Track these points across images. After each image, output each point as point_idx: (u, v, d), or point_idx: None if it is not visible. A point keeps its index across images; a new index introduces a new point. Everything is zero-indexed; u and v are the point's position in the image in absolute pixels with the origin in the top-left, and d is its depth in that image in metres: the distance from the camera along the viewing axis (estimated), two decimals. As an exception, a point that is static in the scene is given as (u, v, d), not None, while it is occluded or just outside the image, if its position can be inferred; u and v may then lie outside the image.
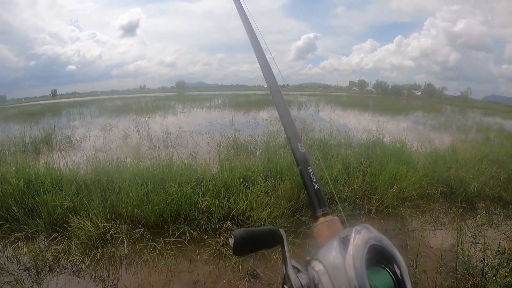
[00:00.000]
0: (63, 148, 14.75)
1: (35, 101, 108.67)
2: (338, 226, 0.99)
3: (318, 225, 1.00)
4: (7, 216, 6.63)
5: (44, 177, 7.71)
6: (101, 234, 5.98)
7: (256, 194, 6.89)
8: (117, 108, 38.99)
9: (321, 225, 1.00)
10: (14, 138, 14.92)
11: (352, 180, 7.99)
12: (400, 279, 0.82)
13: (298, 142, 1.17)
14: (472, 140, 15.99)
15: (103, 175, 7.74)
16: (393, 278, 0.82)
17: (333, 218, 1.01)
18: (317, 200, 1.05)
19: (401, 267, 0.81)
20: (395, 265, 0.82)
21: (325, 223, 0.99)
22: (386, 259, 0.83)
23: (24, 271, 5.34)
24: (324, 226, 0.99)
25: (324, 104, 43.36)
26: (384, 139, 12.65)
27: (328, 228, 0.98)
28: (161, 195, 6.64)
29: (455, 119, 30.35)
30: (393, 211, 7.38)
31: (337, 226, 0.99)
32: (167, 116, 27.85)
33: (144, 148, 14.06)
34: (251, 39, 1.71)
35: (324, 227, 0.99)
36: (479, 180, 8.25)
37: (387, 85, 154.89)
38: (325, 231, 0.97)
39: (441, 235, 6.45)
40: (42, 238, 6.39)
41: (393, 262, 0.82)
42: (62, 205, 6.58)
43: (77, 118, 29.63)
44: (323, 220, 1.00)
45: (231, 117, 22.15)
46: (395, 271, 0.82)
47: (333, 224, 0.99)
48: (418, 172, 8.48)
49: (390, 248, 0.82)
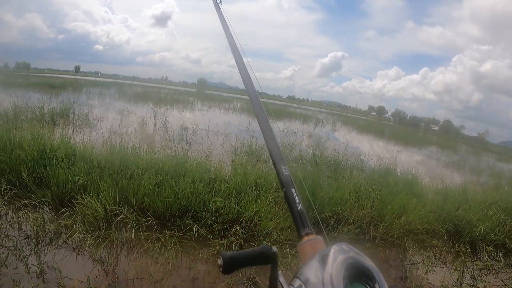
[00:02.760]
0: (79, 124, 14.84)
1: (58, 74, 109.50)
2: (321, 245, 1.03)
3: (302, 244, 1.05)
4: (16, 182, 6.69)
5: (58, 149, 7.76)
6: (108, 216, 6.00)
7: (266, 202, 6.89)
8: (137, 94, 39.18)
9: (304, 244, 1.04)
10: (33, 106, 15.04)
11: (362, 205, 7.95)
12: None
13: (283, 165, 1.27)
14: (483, 183, 15.93)
15: (117, 159, 7.76)
16: None
17: (316, 238, 1.05)
18: (300, 221, 1.11)
19: (380, 283, 0.83)
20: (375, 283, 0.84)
21: (308, 242, 1.03)
22: (366, 276, 0.85)
23: (24, 238, 5.36)
24: (307, 245, 1.03)
25: (341, 124, 43.43)
26: (396, 169, 12.64)
27: (311, 247, 1.02)
28: (173, 188, 6.63)
29: (469, 159, 30.24)
30: (397, 242, 7.34)
31: (320, 245, 1.03)
32: (185, 111, 27.95)
33: (159, 139, 14.11)
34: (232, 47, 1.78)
35: (307, 246, 1.03)
36: (485, 225, 8.19)
37: (405, 115, 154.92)
38: (308, 250, 1.01)
39: (440, 272, 6.43)
40: (47, 209, 6.41)
41: (373, 280, 0.84)
42: (74, 181, 6.61)
43: (96, 97, 29.88)
44: (307, 239, 1.04)
45: (248, 122, 22.18)
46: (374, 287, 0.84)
47: (316, 243, 1.03)
48: (427, 207, 8.44)
49: (368, 265, 0.85)
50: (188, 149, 9.91)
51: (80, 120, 15.63)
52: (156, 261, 5.34)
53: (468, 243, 7.32)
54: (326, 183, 8.86)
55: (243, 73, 1.68)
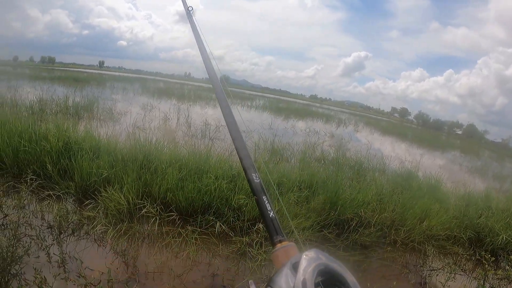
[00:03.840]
0: (103, 118, 14.99)
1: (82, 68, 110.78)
2: (294, 251, 1.02)
3: (275, 251, 1.03)
4: (41, 173, 6.76)
5: (83, 142, 7.86)
6: (130, 210, 6.05)
7: (288, 202, 6.89)
8: (160, 90, 39.49)
9: (277, 251, 1.02)
10: (58, 100, 15.23)
11: (383, 208, 7.90)
12: None
13: (253, 173, 1.24)
14: (506, 190, 15.71)
15: (141, 153, 7.82)
16: None
17: (289, 244, 1.04)
18: (273, 228, 1.10)
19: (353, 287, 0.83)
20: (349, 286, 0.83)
21: (282, 249, 1.02)
22: (338, 281, 0.84)
23: (47, 228, 5.45)
24: (281, 252, 1.01)
25: (364, 125, 43.20)
26: (419, 173, 12.54)
27: (284, 254, 1.00)
28: (196, 184, 6.65)
29: (492, 165, 29.87)
30: (418, 247, 7.28)
31: (293, 251, 1.01)
32: (207, 107, 28.02)
33: (182, 134, 14.18)
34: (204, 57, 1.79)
35: (281, 253, 1.01)
36: (508, 233, 8.08)
37: (428, 118, 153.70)
38: (281, 257, 0.99)
39: (460, 280, 6.37)
40: (70, 201, 6.52)
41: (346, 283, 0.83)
42: (98, 173, 6.69)
43: (120, 92, 30.17)
44: (280, 247, 1.03)
45: (270, 121, 22.18)
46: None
47: (289, 250, 1.02)
48: (449, 213, 8.33)
49: (340, 271, 0.84)
50: (211, 146, 9.94)
51: (104, 114, 15.81)
52: (177, 256, 5.37)
53: (489, 251, 7.24)
54: (348, 185, 8.81)
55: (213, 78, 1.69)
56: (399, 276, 6.26)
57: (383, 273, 6.28)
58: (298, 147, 12.88)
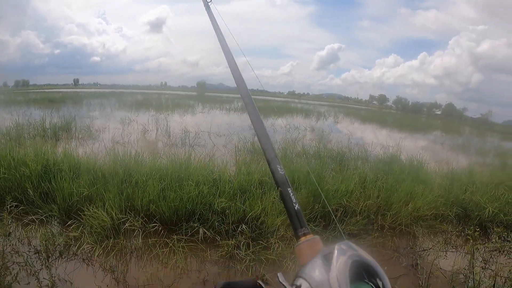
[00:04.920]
0: (81, 137, 14.91)
1: (57, 88, 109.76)
2: (319, 244, 1.02)
3: (300, 244, 1.03)
4: (23, 198, 6.71)
5: (62, 163, 7.79)
6: (115, 225, 6.01)
7: (271, 200, 6.89)
8: (137, 102, 39.22)
9: (302, 244, 1.02)
10: (35, 123, 15.11)
11: (368, 195, 7.93)
12: None
13: (278, 164, 1.23)
14: (489, 164, 15.88)
15: (121, 167, 7.79)
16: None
17: (314, 237, 1.04)
18: (297, 221, 1.09)
19: (384, 281, 0.84)
20: (378, 279, 0.84)
21: (306, 242, 1.02)
22: (369, 274, 0.85)
23: (34, 253, 5.39)
24: (305, 245, 1.02)
25: (343, 116, 43.31)
26: (401, 156, 12.61)
27: (309, 247, 1.00)
28: (177, 193, 6.66)
29: (473, 141, 30.17)
30: (406, 229, 7.32)
31: (318, 245, 1.02)
32: (186, 115, 27.97)
33: (162, 145, 14.14)
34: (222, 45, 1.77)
35: (306, 246, 1.01)
36: (494, 206, 8.14)
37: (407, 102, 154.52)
38: (307, 250, 1.00)
39: (452, 257, 6.41)
40: (55, 223, 6.47)
41: (376, 276, 0.84)
42: (79, 193, 6.64)
43: (97, 108, 29.96)
44: (304, 240, 1.03)
45: (249, 121, 22.15)
46: (378, 285, 0.84)
47: (314, 243, 1.02)
48: (434, 192, 8.41)
49: (372, 263, 0.85)
50: (191, 153, 9.92)
51: (82, 132, 15.68)
52: (165, 266, 5.37)
53: (477, 225, 7.30)
54: (331, 176, 8.83)
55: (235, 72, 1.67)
56: (390, 261, 6.29)
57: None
58: (279, 145, 12.87)
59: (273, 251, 5.79)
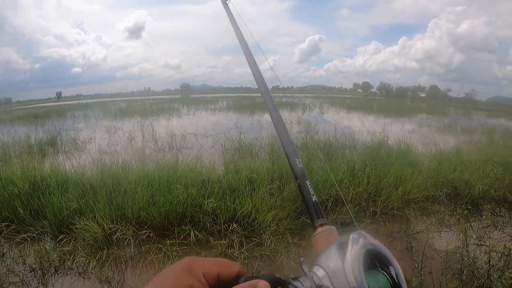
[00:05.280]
0: (68, 150, 14.82)
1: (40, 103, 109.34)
2: (335, 235, 0.99)
3: (316, 234, 1.00)
4: (13, 217, 6.67)
5: (50, 179, 7.74)
6: (107, 236, 5.99)
7: (261, 196, 6.88)
8: (122, 110, 39.13)
9: (318, 234, 1.00)
10: (20, 140, 14.98)
11: (357, 182, 7.98)
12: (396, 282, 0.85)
13: (296, 158, 1.22)
14: (476, 142, 15.99)
15: (109, 177, 7.77)
16: (389, 280, 0.87)
17: (330, 228, 1.01)
18: (315, 212, 1.07)
19: (397, 270, 0.83)
20: (391, 268, 0.84)
21: (323, 233, 0.99)
22: (382, 263, 0.84)
23: (30, 272, 5.37)
24: (322, 235, 0.98)
25: (329, 106, 43.45)
26: (388, 141, 12.64)
27: (325, 237, 0.98)
28: (167, 197, 6.66)
29: (459, 120, 30.35)
30: (398, 213, 7.37)
31: (334, 235, 0.99)
32: (171, 118, 27.92)
33: (149, 151, 14.10)
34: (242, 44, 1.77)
35: (322, 237, 0.98)
36: (484, 182, 8.22)
37: (391, 87, 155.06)
38: (323, 240, 0.97)
39: (446, 237, 6.46)
40: (48, 239, 6.43)
41: (389, 265, 0.84)
42: (68, 206, 6.60)
43: (82, 120, 29.74)
44: (321, 230, 1.00)
45: (235, 120, 22.18)
46: (390, 273, 0.84)
47: (330, 233, 0.99)
48: (423, 174, 8.47)
49: (385, 252, 0.84)
50: (179, 156, 9.90)
51: (68, 145, 15.58)
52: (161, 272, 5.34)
53: (469, 203, 7.34)
54: (320, 167, 8.83)
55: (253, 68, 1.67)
56: (384, 245, 6.29)
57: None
58: (266, 141, 12.86)
59: (267, 247, 5.81)
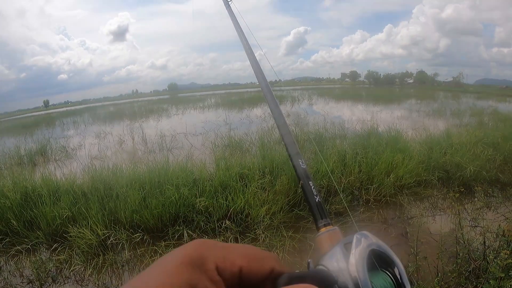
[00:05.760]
0: (58, 158, 14.71)
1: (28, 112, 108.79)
2: (338, 235, 1.03)
3: (320, 235, 1.04)
4: (7, 230, 6.63)
5: (41, 189, 7.69)
6: (102, 242, 5.99)
7: (253, 191, 6.89)
8: (110, 114, 39.03)
9: (322, 235, 1.03)
10: (9, 152, 14.90)
11: (349, 171, 8.00)
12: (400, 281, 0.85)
13: (299, 159, 1.25)
14: (466, 124, 16.02)
15: (100, 183, 7.74)
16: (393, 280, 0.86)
17: (334, 228, 1.04)
18: (318, 212, 1.11)
19: (400, 269, 0.84)
20: (394, 267, 0.84)
21: (327, 233, 1.03)
22: (385, 263, 0.85)
23: (28, 284, 5.35)
24: (326, 235, 1.02)
25: (317, 97, 43.47)
26: (378, 129, 12.68)
27: (329, 238, 1.02)
28: (159, 199, 6.66)
29: (448, 104, 30.44)
30: (391, 200, 7.41)
31: (338, 235, 1.03)
32: (160, 119, 27.84)
33: (139, 153, 14.03)
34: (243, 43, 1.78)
35: (326, 237, 1.02)
36: (475, 164, 8.27)
37: (379, 75, 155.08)
38: (327, 240, 1.01)
39: (440, 221, 6.47)
40: (43, 249, 6.40)
41: (392, 265, 0.84)
42: (61, 215, 6.57)
43: (71, 127, 29.58)
44: (325, 230, 1.04)
45: (225, 116, 22.16)
46: (394, 273, 0.85)
47: (334, 233, 1.03)
48: (414, 160, 8.49)
49: (388, 252, 0.84)
50: (169, 157, 9.88)
51: (59, 153, 15.48)
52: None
53: (461, 186, 7.35)
54: (311, 159, 8.84)
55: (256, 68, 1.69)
56: (379, 233, 6.34)
57: (362, 234, 6.34)
58: (256, 135, 12.86)
59: (262, 242, 5.82)
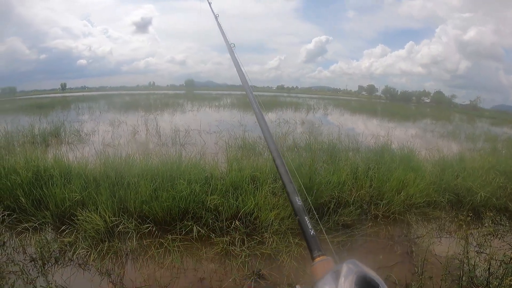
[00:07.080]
0: (71, 141, 14.76)
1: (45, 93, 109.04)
2: (330, 264, 1.19)
3: (314, 264, 1.21)
4: (15, 206, 6.67)
5: (53, 169, 7.73)
6: (109, 228, 6.02)
7: (264, 195, 6.89)
8: (126, 104, 39.06)
9: (316, 264, 1.21)
10: (23, 130, 14.95)
11: (360, 185, 7.99)
12: None
13: (296, 196, 1.49)
14: (480, 149, 15.92)
15: (112, 170, 7.75)
16: None
17: (327, 258, 1.22)
18: (313, 245, 1.28)
19: None
20: None
21: (320, 263, 1.20)
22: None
23: (30, 261, 5.37)
24: (319, 265, 1.20)
25: (333, 108, 43.30)
26: (392, 145, 12.64)
27: (322, 267, 1.18)
28: (170, 192, 6.67)
29: (463, 127, 30.21)
30: (399, 218, 7.38)
31: (330, 264, 1.19)
32: (175, 114, 27.85)
33: (152, 145, 14.07)
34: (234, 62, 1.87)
35: (319, 266, 1.19)
36: (486, 190, 8.22)
37: (396, 91, 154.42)
38: (320, 269, 1.17)
39: (446, 243, 6.44)
40: (49, 230, 6.43)
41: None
42: (71, 198, 6.61)
43: (86, 112, 29.65)
44: (319, 260, 1.22)
45: (239, 117, 22.18)
46: None
47: (327, 263, 1.20)
48: (426, 180, 8.45)
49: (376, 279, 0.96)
50: (182, 151, 9.91)
51: (72, 137, 15.53)
52: (161, 266, 5.38)
53: (470, 210, 7.36)
54: (323, 168, 8.85)
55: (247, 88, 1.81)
56: (385, 249, 6.34)
57: (368, 249, 6.38)
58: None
59: (268, 246, 5.83)
